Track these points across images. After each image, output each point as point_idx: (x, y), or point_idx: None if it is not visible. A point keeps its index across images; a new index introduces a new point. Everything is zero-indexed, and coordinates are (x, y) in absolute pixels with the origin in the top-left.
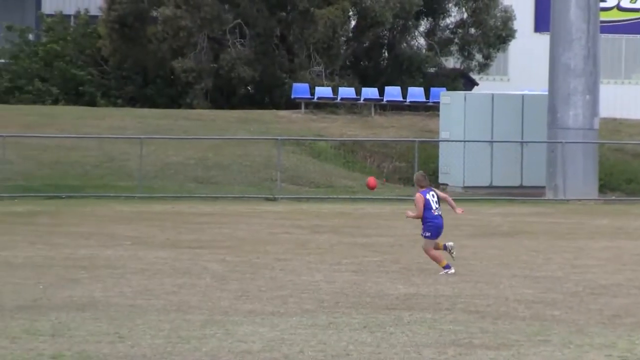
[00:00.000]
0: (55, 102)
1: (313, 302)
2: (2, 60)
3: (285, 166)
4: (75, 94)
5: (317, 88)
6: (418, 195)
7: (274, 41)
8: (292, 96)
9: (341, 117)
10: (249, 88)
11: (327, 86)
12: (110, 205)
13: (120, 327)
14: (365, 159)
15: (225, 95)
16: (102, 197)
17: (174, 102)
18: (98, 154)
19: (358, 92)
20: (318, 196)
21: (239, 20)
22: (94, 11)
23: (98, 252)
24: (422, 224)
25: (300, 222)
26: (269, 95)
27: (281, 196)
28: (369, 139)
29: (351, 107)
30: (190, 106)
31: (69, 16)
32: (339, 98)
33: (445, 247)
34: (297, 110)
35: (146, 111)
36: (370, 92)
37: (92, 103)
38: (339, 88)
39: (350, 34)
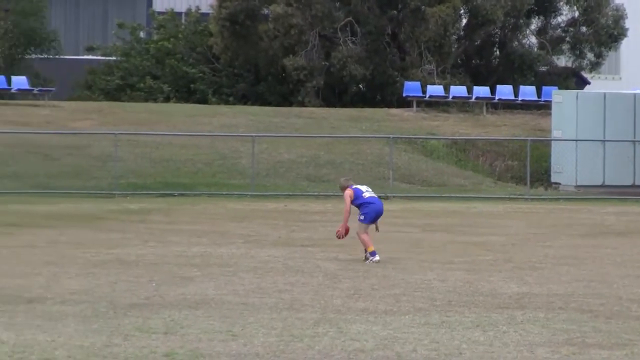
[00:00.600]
0: (167, 99)
1: (425, 301)
2: (114, 58)
3: (397, 164)
4: (186, 92)
5: (428, 86)
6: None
7: (385, 39)
8: (404, 94)
9: (453, 115)
10: (361, 86)
11: (439, 84)
12: (222, 203)
13: (233, 325)
14: (477, 158)
15: (337, 93)
16: (214, 195)
17: (286, 99)
18: (210, 152)
19: (469, 91)
20: (430, 195)
21: (350, 18)
22: (205, 8)
23: (211, 250)
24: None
25: (413, 220)
26: (381, 93)
27: (393, 195)
28: (481, 138)
29: (463, 105)
30: (302, 104)
31: (180, 13)
32: (450, 96)
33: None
34: (408, 109)
35: (258, 109)
36: (481, 91)
37: (203, 101)
38: (451, 86)
39: (462, 32)
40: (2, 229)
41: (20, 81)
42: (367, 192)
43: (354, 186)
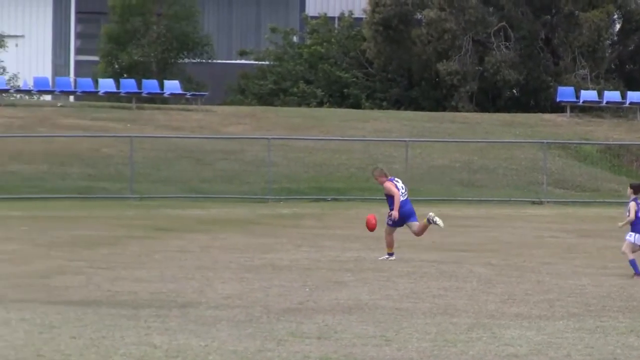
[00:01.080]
0: (320, 104)
1: (580, 306)
2: (267, 62)
3: (551, 170)
4: (339, 96)
5: (582, 91)
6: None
7: (539, 44)
8: (557, 99)
9: (607, 120)
10: (514, 91)
11: (592, 90)
12: (375, 208)
13: (387, 330)
14: (631, 163)
15: (491, 98)
16: (367, 200)
17: (439, 104)
18: (363, 157)
19: (623, 96)
20: (584, 200)
21: (504, 23)
22: (358, 13)
23: (364, 254)
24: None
25: (567, 225)
26: (534, 98)
27: (547, 200)
28: (635, 143)
29: (616, 110)
30: (456, 109)
31: (332, 18)
32: (604, 102)
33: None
34: (562, 114)
35: (411, 114)
36: (636, 96)
37: (356, 105)
38: (604, 91)
39: (615, 37)
40: (155, 234)
41: (172, 85)
42: (404, 193)
43: (394, 179)
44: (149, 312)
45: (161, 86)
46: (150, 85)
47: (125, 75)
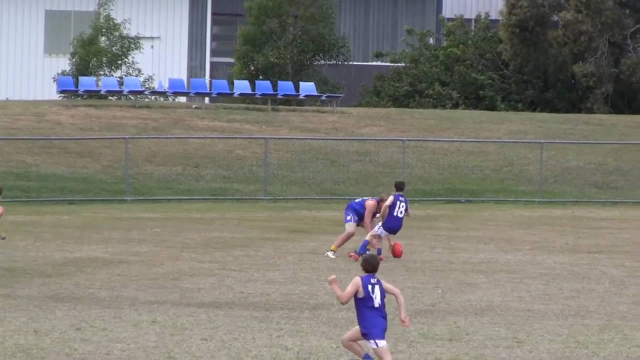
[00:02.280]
0: (455, 106)
1: None
2: (403, 64)
3: None
4: (475, 98)
5: None
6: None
7: None
8: None
9: None
10: None
11: None
12: (509, 210)
13: (518, 332)
14: None
15: (626, 100)
16: (501, 202)
17: (574, 106)
18: (497, 159)
19: None
20: None
21: None
22: (494, 15)
23: (497, 256)
24: None
25: None
26: None
27: None
28: None
29: None
30: (591, 111)
31: (469, 20)
32: None
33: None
34: None
35: (546, 115)
36: None
37: (491, 107)
38: None
39: None
40: (288, 235)
41: (308, 87)
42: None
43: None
44: (280, 314)
45: (296, 88)
46: (285, 87)
47: (260, 77)
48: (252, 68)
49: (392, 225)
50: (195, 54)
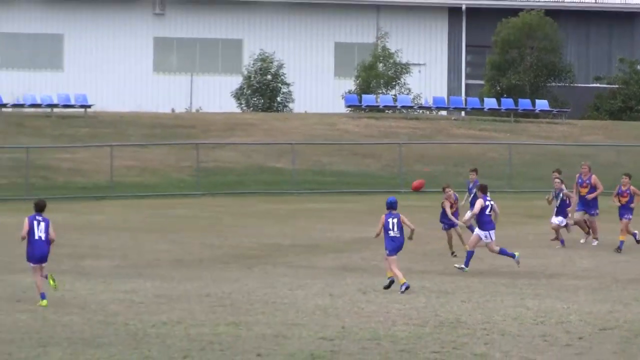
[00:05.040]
0: None
1: None
2: (616, 86)
3: None
4: None
5: None
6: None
7: None
8: None
9: None
10: None
11: None
12: None
13: None
14: None
15: None
16: None
17: None
18: None
19: None
20: None
21: None
22: None
23: None
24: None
25: None
26: None
27: None
28: None
29: None
30: None
31: None
32: None
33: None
34: None
35: None
36: None
37: None
38: None
39: None
40: (528, 220)
41: (542, 104)
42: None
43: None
44: (523, 282)
45: (533, 104)
46: (524, 103)
47: (504, 95)
48: (498, 88)
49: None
50: (453, 77)
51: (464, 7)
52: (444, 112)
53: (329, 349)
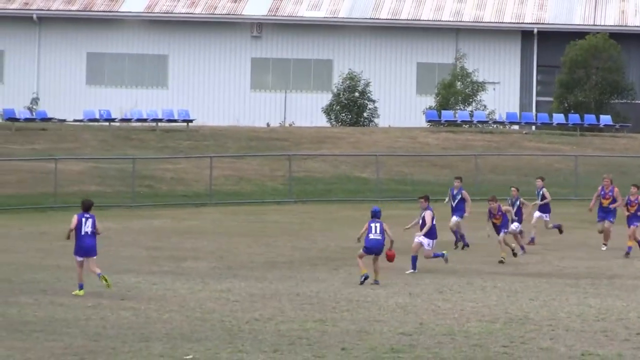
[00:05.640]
0: None
1: None
2: None
3: None
4: None
5: None
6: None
7: None
8: None
9: None
10: None
11: None
12: None
13: None
14: None
15: None
16: None
17: None
18: None
19: None
20: None
21: None
22: None
23: None
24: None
25: None
26: None
27: None
28: None
29: None
30: None
31: None
32: None
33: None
34: None
35: None
36: None
37: None
38: None
39: None
40: (590, 225)
41: (605, 119)
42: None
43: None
44: (585, 282)
45: (597, 119)
46: (589, 118)
47: (572, 111)
48: (566, 105)
49: None
50: (525, 94)
51: (535, 30)
52: (516, 127)
53: (408, 343)
